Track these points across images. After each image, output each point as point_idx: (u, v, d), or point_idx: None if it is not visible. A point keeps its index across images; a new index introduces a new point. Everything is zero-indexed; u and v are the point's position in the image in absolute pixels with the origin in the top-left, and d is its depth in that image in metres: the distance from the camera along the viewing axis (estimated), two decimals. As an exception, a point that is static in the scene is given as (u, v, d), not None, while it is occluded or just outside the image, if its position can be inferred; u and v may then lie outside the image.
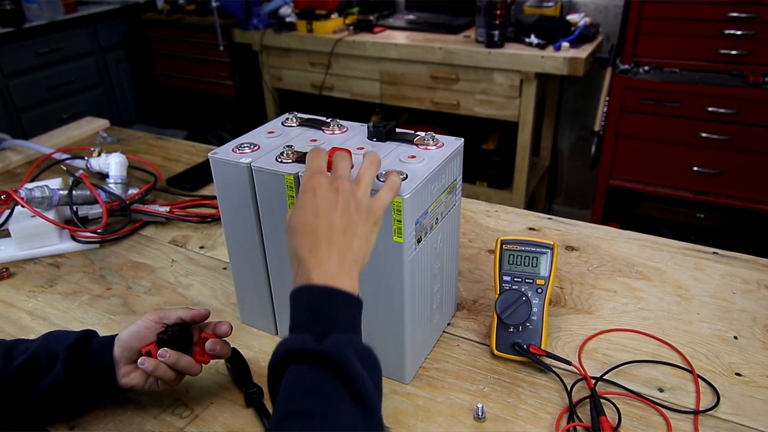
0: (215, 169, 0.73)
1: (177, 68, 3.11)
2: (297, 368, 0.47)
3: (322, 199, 0.54)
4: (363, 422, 0.46)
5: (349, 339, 0.49)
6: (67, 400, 0.66)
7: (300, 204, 0.55)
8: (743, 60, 1.90)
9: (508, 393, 0.71)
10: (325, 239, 0.52)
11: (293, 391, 0.46)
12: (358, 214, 0.54)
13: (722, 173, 1.99)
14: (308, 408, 0.45)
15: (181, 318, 0.68)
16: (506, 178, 2.49)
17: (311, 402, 0.45)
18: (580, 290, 0.90)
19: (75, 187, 1.06)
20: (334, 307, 0.50)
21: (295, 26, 2.58)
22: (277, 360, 0.49)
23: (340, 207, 0.53)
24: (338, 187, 0.55)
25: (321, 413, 0.44)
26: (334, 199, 0.54)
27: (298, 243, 0.53)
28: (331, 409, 0.45)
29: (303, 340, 0.48)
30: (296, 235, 0.53)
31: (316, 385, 0.46)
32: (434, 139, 0.72)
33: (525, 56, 2.09)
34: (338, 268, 0.52)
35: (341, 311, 0.50)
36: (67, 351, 0.65)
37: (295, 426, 0.44)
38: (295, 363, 0.48)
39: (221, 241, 1.07)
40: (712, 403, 0.69)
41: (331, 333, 0.49)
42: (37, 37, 2.77)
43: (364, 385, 0.47)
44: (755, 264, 0.94)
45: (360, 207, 0.55)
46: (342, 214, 0.53)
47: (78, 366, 0.65)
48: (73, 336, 0.67)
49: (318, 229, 0.52)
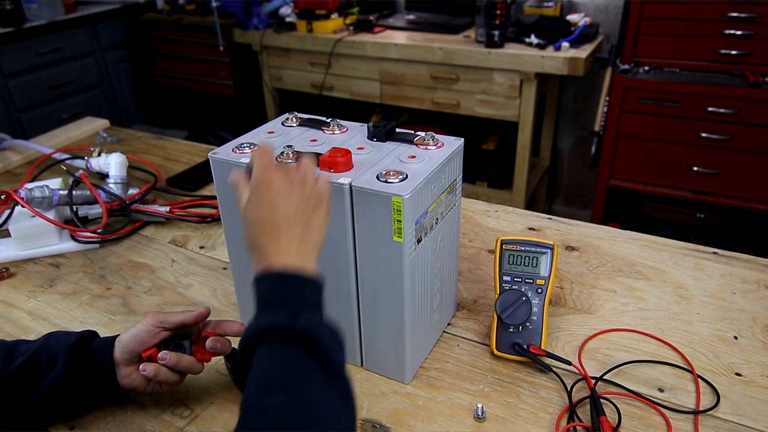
0: (215, 169, 0.73)
1: (177, 68, 3.10)
2: (272, 345, 0.50)
3: (276, 192, 0.56)
4: (335, 392, 0.49)
5: (319, 318, 0.52)
6: (67, 400, 0.66)
7: (256, 198, 0.57)
8: (743, 60, 1.90)
9: (508, 393, 0.71)
10: (283, 229, 0.55)
11: (270, 366, 0.49)
12: (310, 201, 0.58)
13: (722, 173, 1.99)
14: (286, 381, 0.47)
15: (182, 322, 0.68)
16: (506, 178, 2.49)
17: (286, 375, 0.47)
18: (580, 290, 0.90)
19: (75, 187, 1.06)
20: (300, 288, 0.53)
21: (295, 26, 2.58)
22: (251, 337, 0.51)
23: (294, 198, 0.57)
24: (291, 179, 0.58)
25: (299, 386, 0.47)
26: (288, 191, 0.57)
27: (258, 235, 0.55)
28: (308, 383, 0.47)
29: (276, 320, 0.50)
30: (255, 227, 0.56)
31: (292, 359, 0.49)
32: (434, 139, 0.72)
33: (525, 56, 2.09)
34: (298, 253, 0.55)
35: (307, 292, 0.53)
36: (67, 351, 0.65)
37: (275, 399, 0.46)
38: (269, 341, 0.50)
39: (221, 241, 1.07)
40: (712, 403, 0.69)
41: (300, 312, 0.51)
42: (37, 37, 2.77)
43: (337, 361, 0.50)
44: (755, 264, 0.94)
45: (311, 194, 0.58)
46: (297, 205, 0.56)
47: (78, 366, 0.65)
48: (74, 336, 0.67)
49: (276, 220, 0.55)
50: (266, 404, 0.46)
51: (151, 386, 0.68)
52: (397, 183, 0.63)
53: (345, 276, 0.69)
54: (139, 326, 0.67)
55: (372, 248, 0.65)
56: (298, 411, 0.46)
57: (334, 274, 0.70)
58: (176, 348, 0.68)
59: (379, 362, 0.74)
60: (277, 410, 0.45)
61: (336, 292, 0.71)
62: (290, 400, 0.46)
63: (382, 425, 0.67)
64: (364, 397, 0.72)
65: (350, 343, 0.75)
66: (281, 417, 0.45)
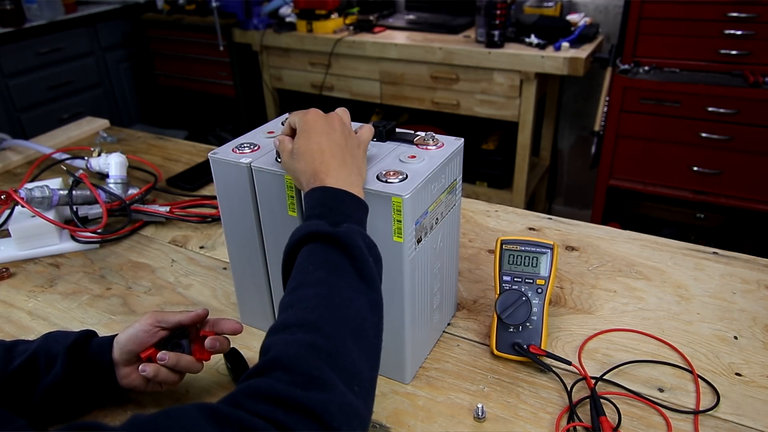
0: (215, 169, 0.73)
1: (177, 68, 3.10)
2: (310, 247, 0.54)
3: (323, 125, 0.62)
4: (366, 295, 0.52)
5: (358, 229, 0.55)
6: (66, 400, 0.66)
7: (303, 132, 0.62)
8: (743, 60, 1.90)
9: (508, 393, 0.71)
10: (332, 154, 0.60)
11: (306, 265, 0.53)
12: (352, 138, 0.63)
13: (722, 173, 1.99)
14: (318, 278, 0.51)
15: (180, 322, 0.68)
16: (506, 178, 2.49)
17: (321, 273, 0.52)
18: (580, 290, 0.90)
19: (75, 187, 1.06)
20: (346, 205, 0.57)
21: (295, 26, 2.58)
22: (294, 241, 0.55)
23: (338, 130, 0.62)
24: (333, 118, 0.63)
25: (329, 282, 0.51)
26: (332, 125, 0.62)
27: (309, 160, 0.59)
28: (339, 280, 0.51)
29: (318, 225, 0.54)
30: (305, 154, 0.60)
31: (328, 260, 0.53)
32: (434, 139, 0.72)
33: (525, 56, 2.09)
34: (347, 177, 0.59)
35: (352, 209, 0.57)
36: (66, 351, 0.65)
37: (307, 292, 0.50)
38: (309, 243, 0.54)
39: (221, 241, 1.07)
40: (712, 403, 0.69)
41: (343, 223, 0.55)
42: (37, 37, 2.77)
43: (368, 266, 0.53)
44: (755, 264, 0.94)
45: (351, 134, 0.64)
46: (342, 136, 0.62)
47: (77, 366, 0.65)
48: (72, 336, 0.67)
49: (324, 147, 0.60)
50: (299, 297, 0.50)
51: (150, 386, 0.68)
52: (397, 183, 0.63)
53: (345, 276, 0.69)
54: (137, 326, 0.67)
55: (372, 248, 0.65)
56: (327, 302, 0.50)
57: (334, 274, 0.70)
58: (175, 348, 0.68)
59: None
60: (307, 302, 0.49)
61: (336, 292, 0.71)
62: (321, 293, 0.50)
63: (382, 425, 0.67)
64: (364, 397, 0.72)
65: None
66: (309, 306, 0.49)
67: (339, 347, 0.47)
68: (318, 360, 0.45)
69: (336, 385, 0.44)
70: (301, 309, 0.49)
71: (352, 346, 0.48)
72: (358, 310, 0.50)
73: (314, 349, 0.46)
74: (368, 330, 0.51)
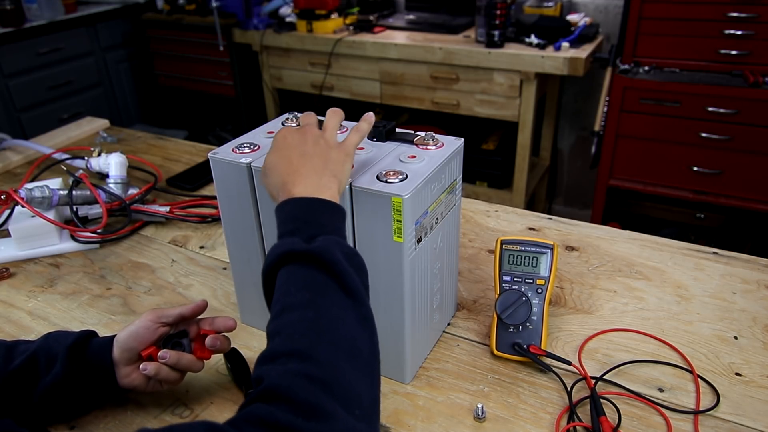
0: (215, 169, 0.73)
1: (177, 68, 3.10)
2: (289, 269, 0.52)
3: (292, 140, 0.61)
4: (353, 310, 0.50)
5: (335, 240, 0.53)
6: (66, 400, 0.66)
7: (273, 149, 0.61)
8: (743, 60, 1.90)
9: (508, 393, 0.71)
10: (301, 163, 0.58)
11: (287, 287, 0.51)
12: (328, 146, 0.61)
13: (722, 173, 1.99)
14: (302, 300, 0.49)
15: (181, 315, 0.68)
16: (506, 178, 2.49)
17: (304, 294, 0.50)
18: (580, 290, 0.90)
19: (75, 187, 1.06)
20: (318, 214, 0.55)
21: (295, 26, 2.58)
22: (270, 262, 0.53)
23: (309, 141, 0.60)
24: (305, 130, 0.62)
25: (314, 303, 0.49)
26: (304, 137, 0.61)
27: (276, 173, 0.58)
28: (323, 300, 0.49)
29: (292, 243, 0.52)
30: (274, 168, 0.59)
31: (308, 280, 0.51)
32: (434, 139, 0.72)
33: (525, 56, 2.09)
34: (317, 181, 0.57)
35: (325, 217, 0.55)
36: (66, 351, 0.65)
37: (292, 316, 0.48)
38: (287, 265, 0.52)
39: (221, 241, 1.07)
40: (712, 403, 0.69)
41: (318, 236, 0.53)
42: (37, 37, 2.77)
43: (351, 279, 0.51)
44: (755, 264, 0.94)
45: (329, 143, 0.62)
46: (313, 145, 0.60)
47: (77, 366, 0.65)
48: (73, 336, 0.67)
49: (292, 159, 0.59)
50: (284, 323, 0.48)
51: (151, 385, 0.68)
52: (397, 183, 0.63)
53: (345, 276, 0.69)
54: (137, 323, 0.67)
55: (372, 248, 0.65)
56: (315, 326, 0.47)
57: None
58: (176, 346, 0.68)
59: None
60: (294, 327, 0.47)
61: (336, 292, 0.71)
62: (307, 317, 0.48)
63: (382, 425, 0.67)
64: (364, 397, 0.72)
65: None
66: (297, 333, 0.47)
67: (334, 373, 0.45)
68: (315, 389, 0.44)
69: (336, 412, 0.43)
70: (288, 336, 0.47)
71: (347, 368, 0.46)
72: (347, 330, 0.49)
73: (309, 378, 0.44)
74: (361, 348, 0.49)
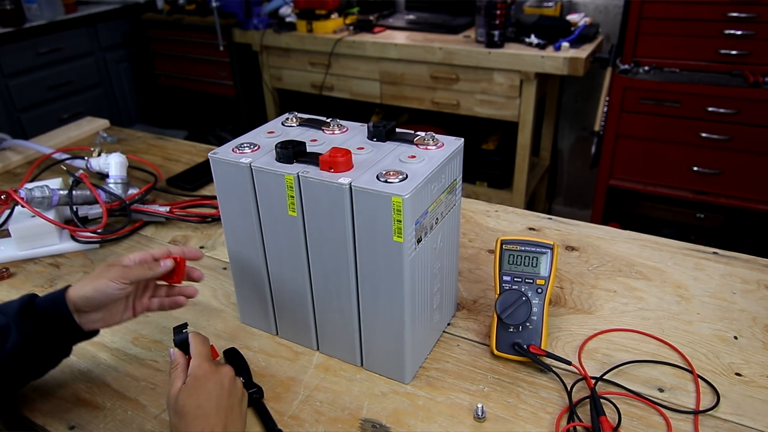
0: (215, 169, 0.73)
1: (177, 68, 3.10)
2: None
3: (213, 386, 0.63)
4: None
5: None
6: (33, 360, 0.67)
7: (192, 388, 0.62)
8: (743, 60, 1.90)
9: (508, 393, 0.71)
10: (216, 421, 0.60)
11: None
12: (235, 397, 0.65)
13: (722, 173, 1.99)
14: None
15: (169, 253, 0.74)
16: (506, 178, 2.49)
17: None
18: (580, 290, 0.90)
19: (75, 187, 1.06)
20: None
21: (295, 26, 2.58)
22: None
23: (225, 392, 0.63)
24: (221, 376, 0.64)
25: None
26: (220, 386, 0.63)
27: (191, 424, 0.59)
28: None
29: None
30: (188, 416, 0.60)
31: None
32: (434, 139, 0.72)
33: (525, 56, 2.09)
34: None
35: None
36: (16, 316, 0.66)
37: None
38: None
39: (221, 241, 1.07)
40: (712, 403, 0.69)
41: None
42: (37, 37, 2.77)
43: None
44: (755, 264, 0.94)
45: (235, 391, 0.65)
46: (227, 398, 0.63)
47: (33, 327, 0.66)
48: (16, 303, 0.68)
49: (209, 412, 0.61)
50: None
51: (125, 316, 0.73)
52: (397, 183, 0.63)
53: (345, 276, 0.69)
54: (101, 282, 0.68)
55: (372, 248, 0.65)
56: None
57: (334, 274, 0.70)
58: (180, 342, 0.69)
59: (379, 362, 0.74)
60: None
61: (336, 292, 0.71)
62: None
63: (382, 425, 0.67)
64: (364, 397, 0.72)
65: (350, 343, 0.75)
66: None
67: None
68: None
69: None
70: None
71: None
72: None
73: None
74: None
